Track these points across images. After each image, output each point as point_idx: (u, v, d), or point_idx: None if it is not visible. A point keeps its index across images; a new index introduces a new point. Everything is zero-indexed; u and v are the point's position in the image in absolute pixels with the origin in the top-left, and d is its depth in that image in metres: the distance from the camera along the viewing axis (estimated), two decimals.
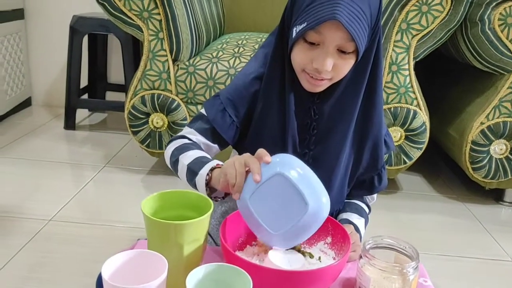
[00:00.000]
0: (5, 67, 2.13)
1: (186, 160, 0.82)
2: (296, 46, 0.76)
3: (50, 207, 1.38)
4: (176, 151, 0.85)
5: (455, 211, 1.57)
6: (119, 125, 2.19)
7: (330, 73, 0.76)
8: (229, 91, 0.87)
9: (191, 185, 0.81)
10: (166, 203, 0.72)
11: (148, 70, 1.50)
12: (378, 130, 0.85)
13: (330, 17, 0.69)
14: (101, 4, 1.46)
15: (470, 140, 1.51)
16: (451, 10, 1.37)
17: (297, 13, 0.75)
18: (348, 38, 0.72)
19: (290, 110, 0.82)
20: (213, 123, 0.86)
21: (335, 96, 0.82)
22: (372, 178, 0.90)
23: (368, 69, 0.80)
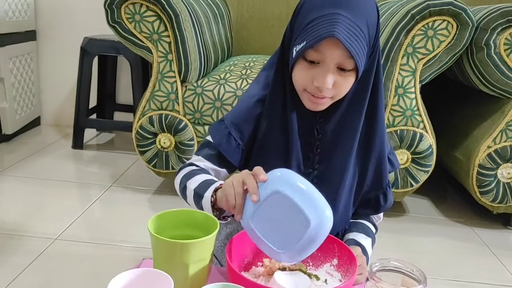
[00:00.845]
0: (16, 87, 2.16)
1: (192, 185, 0.83)
2: (296, 65, 0.77)
3: (56, 226, 1.38)
4: (184, 178, 0.87)
5: (462, 235, 1.55)
6: (126, 145, 2.20)
7: (331, 91, 0.76)
8: (234, 114, 0.88)
9: (200, 209, 0.82)
10: (172, 222, 0.73)
11: (157, 90, 1.52)
12: (381, 147, 0.86)
13: (329, 34, 0.70)
14: (112, 26, 1.49)
15: (477, 164, 1.50)
16: (457, 34, 1.38)
17: (296, 33, 0.76)
18: (347, 56, 0.73)
19: (293, 130, 0.83)
20: (219, 148, 0.86)
21: (338, 115, 0.82)
22: (378, 197, 0.90)
23: (369, 87, 0.81)
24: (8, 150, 2.04)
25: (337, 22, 0.70)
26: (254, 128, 0.86)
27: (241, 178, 0.69)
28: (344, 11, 0.71)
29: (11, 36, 2.10)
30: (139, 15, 1.46)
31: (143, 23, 1.47)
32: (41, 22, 2.38)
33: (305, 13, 0.75)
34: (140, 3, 1.45)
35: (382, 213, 0.96)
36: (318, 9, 0.73)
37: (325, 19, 0.71)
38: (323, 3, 0.73)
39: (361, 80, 0.79)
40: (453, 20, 1.37)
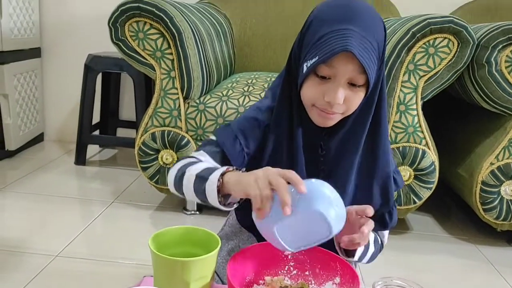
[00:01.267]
0: (20, 103, 2.18)
1: (194, 171, 0.77)
2: (306, 81, 0.77)
3: (57, 242, 1.38)
4: (184, 166, 0.80)
5: (466, 253, 1.54)
6: (129, 161, 2.21)
7: (341, 106, 0.76)
8: (240, 122, 0.86)
9: (200, 196, 0.75)
10: (173, 240, 0.72)
11: (160, 107, 1.53)
12: (385, 165, 0.85)
13: (343, 48, 0.70)
14: (116, 44, 1.51)
15: (480, 181, 1.50)
16: (458, 52, 1.39)
17: (307, 49, 0.76)
18: (359, 71, 0.73)
19: (298, 146, 0.82)
20: (223, 147, 0.83)
21: (343, 131, 0.82)
22: (383, 215, 0.89)
23: (374, 103, 0.81)
24: (11, 166, 2.05)
25: (349, 36, 0.71)
26: (260, 138, 0.84)
27: (267, 178, 0.65)
28: (354, 26, 0.72)
29: (16, 53, 2.12)
30: (143, 33, 1.48)
31: (146, 40, 1.48)
32: (46, 39, 2.41)
33: (315, 29, 0.75)
34: (143, 21, 1.46)
35: (387, 233, 0.95)
36: (328, 25, 0.73)
37: (337, 34, 0.71)
38: (332, 19, 0.73)
39: (367, 97, 0.79)
40: (454, 38, 1.38)
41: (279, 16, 2.11)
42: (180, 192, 0.81)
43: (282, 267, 0.80)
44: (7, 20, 2.01)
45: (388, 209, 0.89)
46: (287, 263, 0.80)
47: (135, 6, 1.44)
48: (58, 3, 2.37)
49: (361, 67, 0.72)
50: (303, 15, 0.81)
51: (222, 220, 1.59)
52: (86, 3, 2.36)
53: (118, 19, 1.46)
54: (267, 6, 2.14)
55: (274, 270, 0.80)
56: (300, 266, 0.80)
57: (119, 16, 1.46)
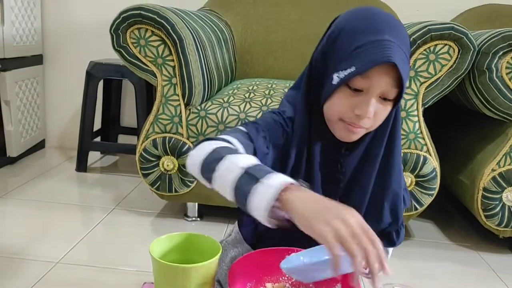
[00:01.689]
0: (22, 110, 2.18)
1: (239, 161, 0.65)
2: (336, 93, 0.73)
3: (58, 249, 1.38)
4: (220, 148, 0.69)
5: (468, 260, 1.53)
6: (130, 168, 2.21)
7: (369, 121, 0.74)
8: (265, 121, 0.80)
9: (238, 195, 0.64)
10: (174, 246, 0.72)
11: (161, 114, 1.53)
12: (398, 183, 0.84)
13: (385, 59, 0.67)
14: (117, 51, 1.51)
15: (482, 187, 1.49)
16: (458, 58, 1.39)
17: (339, 59, 0.72)
18: (392, 84, 0.71)
19: (315, 163, 0.80)
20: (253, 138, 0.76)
21: (362, 148, 0.80)
22: (390, 234, 0.88)
23: (392, 118, 0.79)
24: (12, 173, 2.05)
25: (390, 47, 0.68)
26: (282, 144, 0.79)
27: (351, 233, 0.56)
28: (391, 36, 0.70)
29: (18, 60, 2.13)
30: (144, 40, 1.48)
31: (148, 47, 1.49)
32: (48, 46, 2.42)
33: (348, 40, 0.72)
34: (145, 28, 1.47)
35: (391, 249, 0.94)
36: (364, 35, 0.70)
37: (378, 44, 0.69)
38: (367, 29, 0.71)
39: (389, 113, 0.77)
40: (455, 44, 1.39)
41: (279, 24, 2.12)
42: (203, 175, 0.70)
43: (283, 274, 0.79)
44: (9, 27, 2.02)
45: (397, 227, 0.88)
46: None
47: (136, 13, 1.45)
48: (60, 11, 2.38)
49: (395, 81, 0.70)
50: (302, 23, 0.80)
51: (223, 226, 1.60)
52: (88, 10, 2.37)
53: (120, 26, 1.47)
54: (268, 14, 2.15)
55: (275, 277, 0.79)
56: None
57: (121, 23, 1.46)
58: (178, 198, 1.61)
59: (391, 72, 0.70)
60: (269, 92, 1.62)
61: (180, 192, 1.58)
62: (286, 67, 2.08)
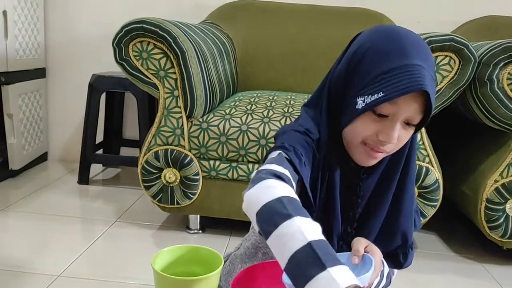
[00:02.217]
0: (24, 123, 2.19)
1: (307, 230, 0.58)
2: (360, 117, 0.71)
3: (59, 262, 1.37)
4: (289, 203, 0.62)
5: (472, 272, 1.52)
6: (132, 180, 2.21)
7: (392, 145, 0.73)
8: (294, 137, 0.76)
9: (290, 268, 0.58)
10: (176, 259, 0.72)
11: (163, 126, 1.53)
12: (410, 204, 0.83)
13: (417, 88, 0.65)
14: (120, 63, 1.52)
15: (485, 198, 1.48)
16: (459, 70, 1.40)
17: (364, 83, 0.70)
18: (419, 110, 0.69)
19: (336, 187, 0.78)
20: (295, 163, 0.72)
21: (379, 172, 0.79)
22: (397, 256, 0.87)
23: (409, 141, 0.78)
24: (14, 186, 2.05)
25: (421, 73, 0.66)
26: (311, 164, 0.77)
27: None
28: (420, 61, 0.67)
29: (21, 74, 2.14)
30: (146, 53, 1.49)
31: (150, 60, 1.50)
32: (50, 60, 2.44)
33: (373, 62, 0.69)
34: (147, 41, 1.48)
35: (397, 270, 0.93)
36: (391, 58, 0.68)
37: (407, 70, 0.66)
38: (392, 51, 0.69)
39: None
40: (455, 56, 1.39)
41: (280, 36, 2.13)
42: (260, 223, 0.63)
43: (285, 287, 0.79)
44: (12, 41, 2.04)
45: (405, 250, 0.87)
46: None
47: (139, 27, 1.46)
48: (63, 25, 2.40)
49: (422, 107, 0.68)
50: (301, 36, 0.80)
51: (225, 239, 1.59)
52: (91, 24, 2.39)
53: (122, 39, 1.48)
54: (269, 27, 2.16)
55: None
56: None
57: (123, 37, 1.48)
58: (180, 211, 1.61)
59: (420, 98, 0.68)
60: (271, 103, 1.62)
61: (182, 204, 1.57)
62: (287, 79, 2.09)
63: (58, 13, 2.39)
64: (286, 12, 2.19)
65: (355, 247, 0.74)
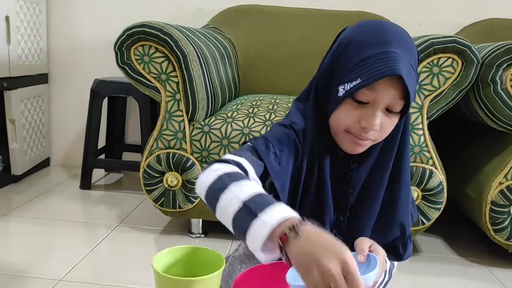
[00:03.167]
0: (27, 128, 2.19)
1: (241, 193, 0.62)
2: (342, 105, 0.73)
3: (60, 267, 1.36)
4: (226, 177, 0.65)
5: (477, 275, 1.50)
6: (134, 185, 2.20)
7: (375, 133, 0.73)
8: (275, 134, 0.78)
9: (236, 229, 0.63)
10: (177, 260, 0.71)
11: (165, 129, 1.53)
12: (406, 196, 0.83)
13: (391, 72, 0.67)
14: (122, 67, 1.52)
15: (490, 201, 1.47)
16: (462, 71, 1.39)
17: (344, 71, 0.72)
18: (399, 96, 0.70)
19: (326, 176, 0.79)
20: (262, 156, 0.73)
21: (371, 160, 0.80)
22: (396, 247, 0.87)
23: (401, 131, 0.78)
24: (17, 191, 2.04)
25: (397, 60, 0.67)
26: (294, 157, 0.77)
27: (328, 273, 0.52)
28: (398, 49, 0.69)
29: (23, 79, 2.15)
30: (148, 56, 1.49)
31: (151, 64, 1.50)
32: (53, 65, 2.44)
33: (354, 52, 0.72)
34: (149, 45, 1.48)
35: (396, 263, 0.92)
36: (370, 47, 0.70)
37: (384, 56, 0.68)
38: (373, 41, 0.70)
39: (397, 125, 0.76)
40: (458, 57, 1.38)
41: (281, 41, 2.13)
42: (208, 204, 0.67)
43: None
44: (15, 46, 2.04)
45: (403, 241, 0.86)
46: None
47: (140, 30, 1.46)
48: (65, 30, 2.41)
49: (401, 93, 0.69)
50: (303, 40, 0.80)
51: (227, 243, 1.58)
52: (93, 29, 2.40)
53: (124, 43, 1.48)
54: (270, 32, 2.16)
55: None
56: None
57: (125, 40, 1.48)
58: (182, 214, 1.60)
59: (397, 84, 0.69)
60: (273, 107, 1.62)
61: (184, 208, 1.57)
62: (289, 83, 2.09)
63: (60, 19, 2.40)
64: (288, 17, 2.19)
65: (359, 247, 0.74)
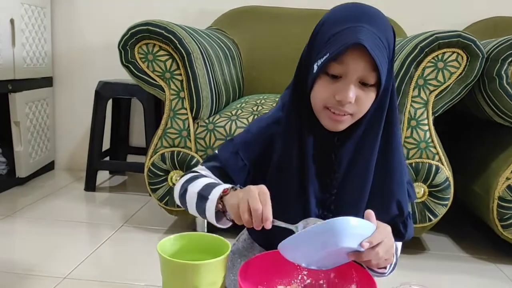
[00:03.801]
0: (31, 131, 2.19)
1: (196, 188, 0.81)
2: (317, 82, 0.76)
3: (65, 265, 1.35)
4: (186, 183, 0.84)
5: (487, 273, 1.48)
6: (138, 187, 2.20)
7: (352, 106, 0.75)
8: (244, 135, 0.88)
9: (201, 214, 0.80)
10: (182, 246, 0.71)
11: (169, 128, 1.52)
12: (399, 173, 0.83)
13: (354, 41, 0.69)
14: (126, 66, 1.52)
15: (497, 196, 1.46)
16: (467, 66, 1.38)
17: (318, 49, 0.75)
18: (370, 69, 0.72)
19: (308, 154, 0.81)
20: (225, 164, 0.85)
21: (355, 138, 0.80)
22: (397, 226, 0.86)
23: (386, 109, 0.79)
24: (21, 194, 2.04)
25: (361, 31, 0.70)
26: (265, 149, 0.84)
27: (246, 202, 0.70)
28: (366, 24, 0.72)
29: (28, 82, 2.15)
30: (152, 55, 1.49)
31: (155, 62, 1.50)
32: (57, 69, 2.45)
33: (326, 30, 0.75)
34: (153, 43, 1.48)
35: (400, 245, 0.91)
36: (341, 24, 0.73)
37: (349, 30, 0.71)
38: (344, 19, 0.74)
39: (379, 100, 0.78)
40: (463, 52, 1.38)
41: (285, 42, 2.13)
42: (185, 208, 0.85)
43: (296, 276, 0.77)
44: (20, 49, 2.05)
45: (402, 219, 0.86)
46: (300, 272, 0.77)
47: (144, 29, 1.46)
48: (70, 34, 2.42)
49: (372, 65, 0.71)
50: (306, 40, 0.83)
51: (232, 241, 1.57)
52: (97, 33, 2.41)
53: (128, 41, 1.48)
54: (274, 33, 2.16)
55: (287, 279, 0.77)
56: (314, 275, 0.77)
57: (129, 39, 1.48)
58: (187, 213, 1.57)
59: (366, 56, 0.71)
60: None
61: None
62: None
63: (65, 23, 2.41)
64: (291, 17, 2.19)
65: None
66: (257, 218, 0.68)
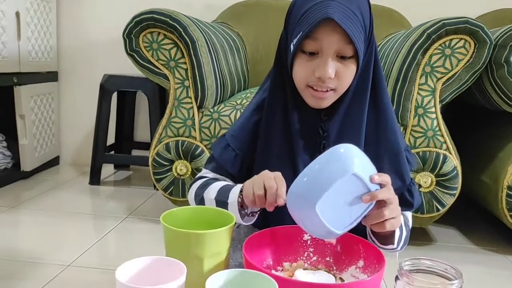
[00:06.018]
0: (36, 125, 2.19)
1: (211, 194, 0.81)
2: (296, 61, 0.77)
3: (69, 253, 1.35)
4: (199, 190, 0.86)
5: (496, 264, 1.46)
6: (143, 181, 2.19)
7: (333, 81, 0.75)
8: (233, 127, 0.91)
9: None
10: (186, 219, 0.69)
11: (173, 117, 1.51)
12: (394, 142, 0.82)
13: (323, 17, 0.70)
14: (130, 55, 1.52)
15: (506, 186, 1.43)
16: (475, 52, 1.37)
17: (292, 29, 0.77)
18: (345, 41, 0.72)
19: (295, 131, 0.81)
20: (220, 160, 0.87)
21: (342, 111, 0.81)
22: (403, 195, 0.85)
23: (370, 80, 0.80)
24: (26, 187, 2.04)
25: (329, 6, 0.71)
26: (253, 135, 0.86)
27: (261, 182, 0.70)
28: (340, 1, 0.72)
29: (33, 76, 2.15)
30: (157, 43, 1.49)
31: (160, 51, 1.49)
32: (63, 64, 2.45)
33: (297, 9, 0.76)
34: (157, 31, 1.48)
35: (410, 215, 0.90)
36: (309, 1, 0.74)
37: (318, 6, 0.72)
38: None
39: (361, 73, 0.78)
40: (470, 38, 1.36)
41: None
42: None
43: (302, 253, 0.76)
44: (25, 42, 2.05)
45: (406, 187, 0.85)
46: (306, 249, 0.76)
47: (149, 17, 1.46)
48: (75, 28, 2.42)
49: (346, 37, 0.71)
50: None
51: None
52: (102, 29, 2.41)
53: (133, 30, 1.48)
54: (278, 26, 2.14)
55: (293, 256, 0.75)
56: (320, 251, 0.75)
57: (134, 27, 1.47)
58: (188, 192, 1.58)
59: (338, 29, 0.71)
60: None
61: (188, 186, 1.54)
62: None
63: (70, 17, 2.42)
64: None
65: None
66: (271, 195, 0.68)
